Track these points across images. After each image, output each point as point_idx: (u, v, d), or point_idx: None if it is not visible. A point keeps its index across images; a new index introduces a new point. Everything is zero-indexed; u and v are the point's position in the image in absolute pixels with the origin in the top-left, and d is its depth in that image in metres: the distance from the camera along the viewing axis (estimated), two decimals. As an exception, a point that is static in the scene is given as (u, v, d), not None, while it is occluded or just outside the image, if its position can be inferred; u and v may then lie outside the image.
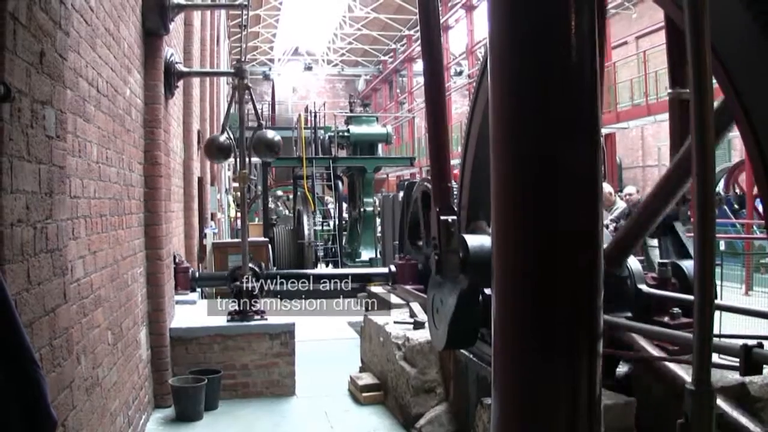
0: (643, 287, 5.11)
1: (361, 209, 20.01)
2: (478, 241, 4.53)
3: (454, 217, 4.32)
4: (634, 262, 5.24)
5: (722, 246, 14.83)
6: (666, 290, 5.25)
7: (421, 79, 40.36)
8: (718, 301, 3.77)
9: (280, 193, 30.56)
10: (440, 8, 31.37)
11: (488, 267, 2.02)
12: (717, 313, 4.24)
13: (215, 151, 8.74)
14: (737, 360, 3.31)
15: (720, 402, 3.55)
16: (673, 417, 1.83)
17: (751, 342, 3.16)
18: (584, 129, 1.95)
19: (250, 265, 8.57)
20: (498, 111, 2.04)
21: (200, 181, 14.01)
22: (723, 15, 2.96)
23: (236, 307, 8.15)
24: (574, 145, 1.94)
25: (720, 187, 19.32)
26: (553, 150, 1.94)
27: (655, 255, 12.14)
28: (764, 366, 3.36)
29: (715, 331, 1.86)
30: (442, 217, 4.24)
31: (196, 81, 13.61)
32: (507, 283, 2.05)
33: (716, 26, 1.68)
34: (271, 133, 8.91)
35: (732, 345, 3.13)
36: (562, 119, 1.94)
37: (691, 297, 4.10)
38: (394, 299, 8.92)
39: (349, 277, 12.99)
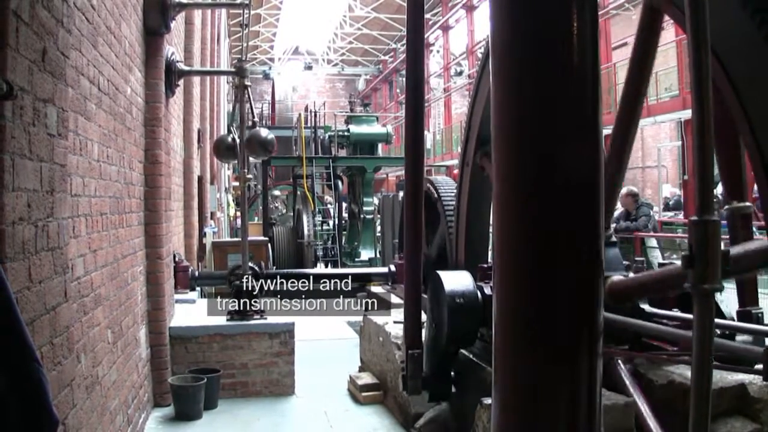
0: (646, 307, 5.07)
1: (361, 209, 20.02)
2: (458, 279, 5.27)
3: (419, 351, 5.24)
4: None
5: (722, 246, 14.78)
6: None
7: (421, 79, 40.35)
8: (718, 320, 3.74)
9: (277, 192, 30.54)
10: (440, 9, 31.27)
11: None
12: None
13: (224, 150, 8.73)
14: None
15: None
16: (674, 418, 1.83)
17: None
18: (586, 129, 1.95)
19: (250, 264, 8.56)
20: (500, 111, 2.04)
21: (200, 180, 14.01)
22: (722, 16, 2.97)
23: (236, 307, 8.15)
24: (576, 145, 1.95)
25: (719, 190, 19.28)
26: (554, 150, 1.95)
27: (655, 255, 12.19)
28: None
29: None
30: (410, 351, 5.13)
31: (196, 80, 13.62)
32: (507, 282, 2.06)
33: (715, 27, 1.68)
34: (264, 132, 8.89)
35: (754, 349, 3.11)
36: (564, 119, 1.94)
37: (690, 316, 4.09)
38: (393, 299, 8.93)
39: (349, 276, 13.00)
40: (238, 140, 8.62)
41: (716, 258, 1.70)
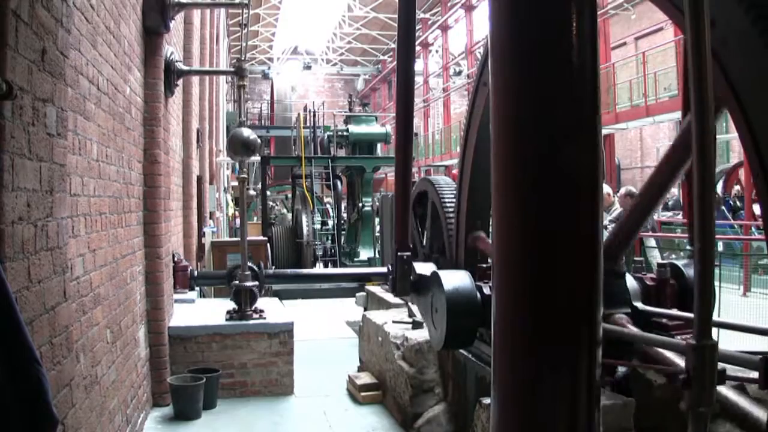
0: (639, 304, 5.08)
1: (360, 208, 20.02)
2: (423, 269, 5.32)
3: (408, 254, 5.07)
4: (630, 280, 5.20)
5: (721, 247, 14.84)
6: (665, 291, 5.24)
7: (419, 79, 40.30)
8: (716, 318, 3.76)
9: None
10: (440, 9, 31.30)
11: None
12: (715, 329, 4.21)
13: (239, 147, 8.53)
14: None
15: (722, 389, 3.58)
16: (672, 417, 1.85)
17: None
18: (585, 129, 1.95)
19: (249, 264, 8.57)
20: (499, 111, 2.05)
21: (199, 179, 14.00)
22: (722, 19, 2.97)
23: (235, 306, 8.16)
24: (575, 146, 1.95)
25: (719, 189, 19.34)
26: (553, 150, 1.95)
27: (654, 255, 12.19)
28: None
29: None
30: (399, 253, 4.96)
31: (195, 79, 13.61)
32: (507, 283, 2.06)
33: (716, 29, 1.68)
34: (246, 131, 8.65)
35: (750, 357, 3.11)
36: (564, 119, 1.94)
37: (688, 315, 4.10)
38: (392, 299, 8.91)
39: (348, 276, 13.02)
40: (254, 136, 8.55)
41: (712, 382, 1.77)
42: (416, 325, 7.04)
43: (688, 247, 6.11)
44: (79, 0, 4.30)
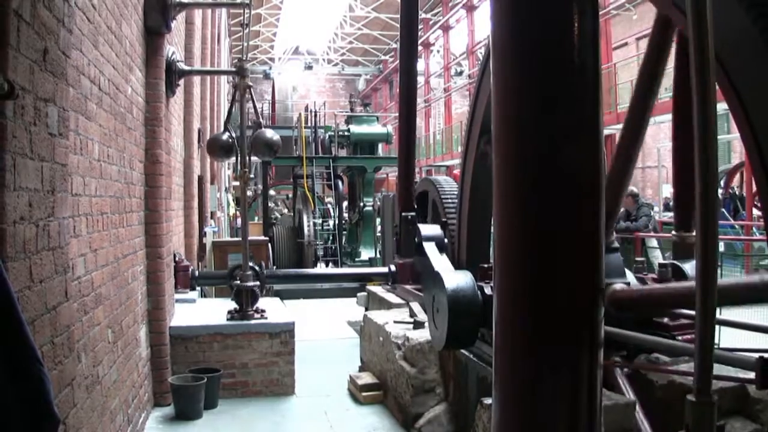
0: (632, 279, 5.08)
1: (362, 209, 20.02)
2: (429, 230, 5.42)
3: (413, 214, 5.02)
4: (629, 276, 5.20)
5: (722, 247, 14.82)
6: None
7: (420, 79, 40.29)
8: (718, 316, 3.75)
9: (272, 193, 30.50)
10: (441, 9, 31.26)
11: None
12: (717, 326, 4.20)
13: (217, 149, 8.77)
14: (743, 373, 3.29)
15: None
16: (674, 418, 1.84)
17: (767, 355, 3.13)
18: (586, 129, 1.95)
19: (250, 264, 8.57)
20: (500, 111, 2.05)
21: (200, 179, 14.01)
22: (724, 19, 2.97)
23: (236, 306, 8.16)
24: (576, 146, 1.95)
25: (719, 189, 19.32)
26: (554, 150, 1.95)
27: (655, 256, 12.18)
28: None
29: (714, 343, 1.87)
30: (403, 214, 4.91)
31: (196, 79, 13.61)
32: (508, 283, 2.06)
33: (717, 29, 1.68)
34: (270, 133, 8.91)
35: (747, 358, 3.10)
36: (565, 119, 1.94)
37: (691, 312, 4.09)
38: (393, 299, 8.91)
39: (349, 276, 13.01)
40: (236, 139, 8.61)
41: None
42: (417, 325, 7.04)
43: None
44: (80, 0, 4.30)
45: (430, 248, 5.58)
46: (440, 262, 5.90)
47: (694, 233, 5.14)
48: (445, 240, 5.37)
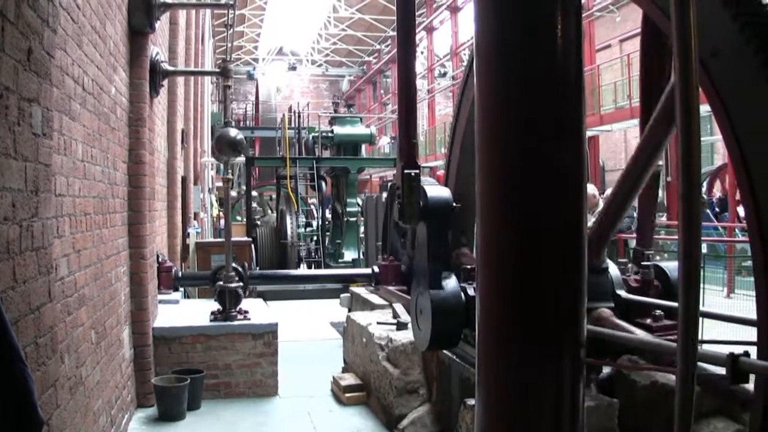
0: (622, 293, 5.13)
1: (345, 210, 20.01)
2: (436, 191, 4.91)
3: (417, 171, 4.73)
4: (613, 268, 5.25)
5: (705, 249, 14.92)
6: (648, 292, 5.29)
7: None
8: (701, 308, 3.78)
9: (254, 194, 30.41)
10: (425, 10, 31.28)
11: (445, 213, 2.05)
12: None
13: (226, 146, 8.48)
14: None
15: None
16: (655, 417, 1.86)
17: (737, 350, 3.16)
18: (569, 128, 1.97)
19: (233, 265, 8.55)
20: (484, 112, 2.06)
21: (184, 180, 13.96)
22: (709, 26, 3.00)
23: (219, 307, 8.15)
24: (559, 146, 1.97)
25: (702, 191, 19.45)
26: (537, 150, 1.97)
27: (637, 257, 12.22)
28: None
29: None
30: (405, 171, 4.64)
31: (180, 80, 13.57)
32: (491, 283, 2.08)
33: (701, 33, 1.70)
34: (233, 131, 8.64)
35: (718, 353, 3.13)
36: (548, 119, 1.96)
37: (672, 304, 4.13)
38: (377, 300, 8.91)
39: (333, 277, 12.99)
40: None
41: None
42: (400, 326, 7.05)
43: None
44: (65, 0, 4.29)
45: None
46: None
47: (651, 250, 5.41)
48: (454, 204, 4.96)
